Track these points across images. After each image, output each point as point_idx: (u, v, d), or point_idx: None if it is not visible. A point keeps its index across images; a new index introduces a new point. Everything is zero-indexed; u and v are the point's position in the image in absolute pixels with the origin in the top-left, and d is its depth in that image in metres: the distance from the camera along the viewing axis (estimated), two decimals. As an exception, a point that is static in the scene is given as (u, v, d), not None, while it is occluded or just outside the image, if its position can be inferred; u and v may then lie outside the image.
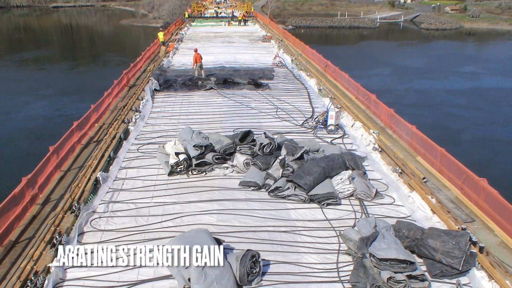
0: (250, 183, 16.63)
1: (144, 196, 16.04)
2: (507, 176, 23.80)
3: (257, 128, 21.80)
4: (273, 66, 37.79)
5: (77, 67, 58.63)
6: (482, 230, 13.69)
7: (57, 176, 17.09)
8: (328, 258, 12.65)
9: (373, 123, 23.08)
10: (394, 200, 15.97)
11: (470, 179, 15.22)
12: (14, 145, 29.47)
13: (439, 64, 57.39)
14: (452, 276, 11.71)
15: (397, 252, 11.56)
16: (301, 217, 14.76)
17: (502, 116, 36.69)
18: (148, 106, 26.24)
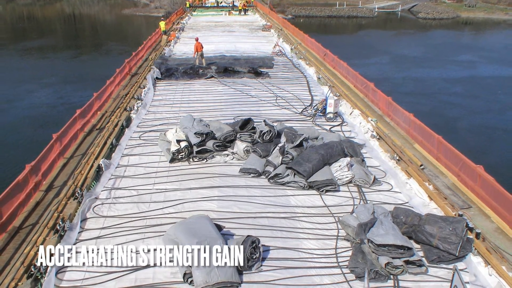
0: (250, 170, 16.57)
1: (146, 183, 15.98)
2: (503, 163, 23.74)
3: (257, 116, 21.67)
4: (272, 55, 37.58)
5: (80, 56, 58.35)
6: (478, 216, 13.64)
7: (60, 163, 17.01)
8: (327, 244, 12.61)
9: (371, 111, 22.99)
10: (392, 187, 15.92)
11: (467, 166, 15.18)
12: (18, 133, 29.36)
13: (436, 53, 57.10)
14: (449, 262, 11.67)
15: (395, 238, 11.53)
16: (300, 204, 14.71)
17: (498, 104, 36.55)
18: (150, 94, 26.10)
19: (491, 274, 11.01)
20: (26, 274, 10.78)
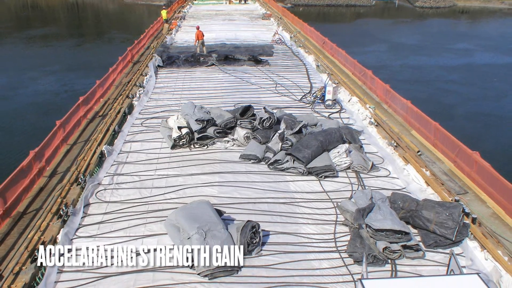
0: (250, 156, 16.49)
1: (148, 169, 15.91)
2: (498, 149, 23.65)
3: (257, 103, 21.53)
4: (272, 43, 37.35)
5: (83, 44, 57.99)
6: (474, 201, 13.58)
7: (64, 150, 16.94)
8: (325, 229, 12.56)
9: (369, 98, 22.86)
10: (389, 173, 15.85)
11: (463, 152, 15.12)
12: (22, 119, 29.22)
13: (433, 41, 56.70)
14: (446, 246, 11.63)
15: (393, 223, 11.47)
16: (299, 189, 14.65)
17: (494, 91, 36.35)
18: (152, 82, 25.94)
19: (487, 258, 10.95)
20: (30, 259, 10.73)
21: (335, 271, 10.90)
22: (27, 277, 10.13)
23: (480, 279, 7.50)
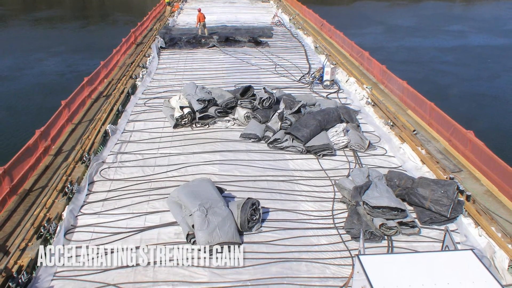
0: (250, 135, 16.34)
1: (151, 148, 15.76)
2: (492, 129, 23.45)
3: (257, 83, 21.33)
4: (272, 25, 36.93)
5: (87, 26, 57.34)
6: (469, 179, 13.46)
7: (69, 129, 16.79)
8: (324, 206, 12.46)
9: (366, 79, 22.64)
10: (386, 151, 15.71)
11: (458, 131, 15.01)
12: (28, 99, 28.93)
13: (429, 23, 56.02)
14: (441, 223, 11.55)
15: (389, 200, 11.37)
16: (298, 167, 14.52)
17: (487, 72, 35.97)
18: (154, 63, 25.67)
19: (481, 234, 10.89)
20: (36, 235, 10.65)
21: (333, 247, 10.83)
22: (33, 253, 10.05)
23: (474, 255, 7.40)
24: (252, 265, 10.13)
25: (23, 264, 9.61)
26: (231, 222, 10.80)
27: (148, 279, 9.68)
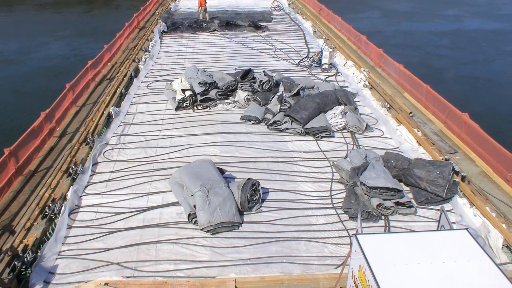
0: (250, 118, 16.18)
1: (153, 129, 15.61)
2: (486, 111, 23.21)
3: (257, 66, 21.11)
4: (271, 9, 36.55)
5: (91, 10, 56.70)
6: (464, 160, 13.32)
7: (73, 111, 16.59)
8: (322, 186, 12.34)
9: (364, 62, 22.38)
10: (383, 133, 15.55)
11: (453, 113, 14.87)
12: (33, 82, 28.66)
13: (425, 8, 55.36)
14: (437, 203, 11.45)
15: (386, 181, 11.24)
16: (297, 149, 14.38)
17: (482, 55, 35.59)
18: (157, 47, 25.37)
19: (475, 214, 10.78)
20: (41, 215, 10.53)
21: (331, 227, 10.73)
22: (38, 232, 9.95)
23: (469, 234, 7.30)
24: (252, 244, 10.04)
25: (29, 244, 9.50)
26: (231, 202, 10.69)
27: (151, 258, 9.59)
